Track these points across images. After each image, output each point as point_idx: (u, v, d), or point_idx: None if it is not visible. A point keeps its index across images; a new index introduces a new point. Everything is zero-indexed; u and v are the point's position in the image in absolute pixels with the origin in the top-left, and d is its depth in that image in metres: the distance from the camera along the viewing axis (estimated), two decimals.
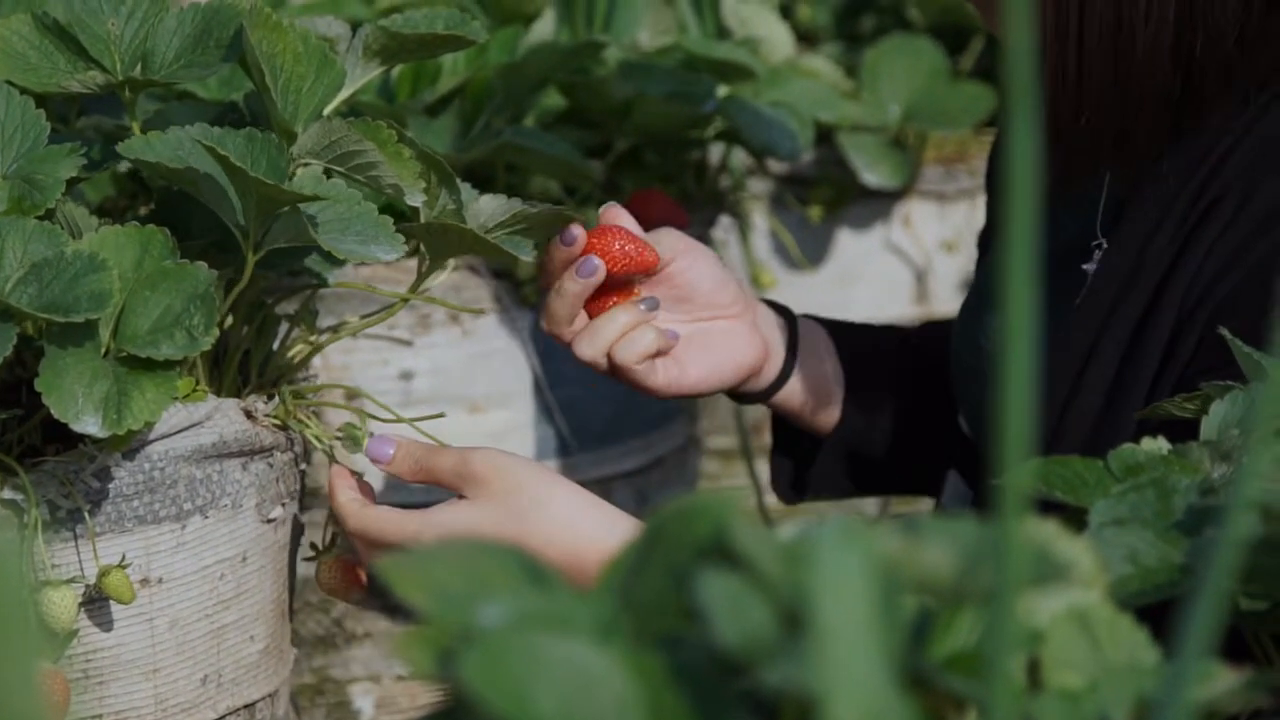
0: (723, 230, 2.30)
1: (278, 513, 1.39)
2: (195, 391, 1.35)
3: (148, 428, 1.28)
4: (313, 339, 1.45)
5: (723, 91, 2.16)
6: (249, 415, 1.36)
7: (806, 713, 0.64)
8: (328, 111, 1.36)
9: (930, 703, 0.70)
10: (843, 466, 1.67)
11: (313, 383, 1.46)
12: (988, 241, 1.68)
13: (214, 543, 1.35)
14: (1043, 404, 1.40)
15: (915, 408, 1.67)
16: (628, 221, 1.48)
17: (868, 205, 2.39)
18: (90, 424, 1.22)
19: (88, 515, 1.29)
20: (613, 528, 1.33)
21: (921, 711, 0.68)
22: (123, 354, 1.26)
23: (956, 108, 2.35)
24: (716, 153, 2.25)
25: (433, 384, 1.99)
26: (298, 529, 1.44)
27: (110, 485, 1.29)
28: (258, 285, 1.39)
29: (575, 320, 1.49)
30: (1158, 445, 1.01)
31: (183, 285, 1.28)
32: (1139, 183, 1.41)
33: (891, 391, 1.67)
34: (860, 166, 2.31)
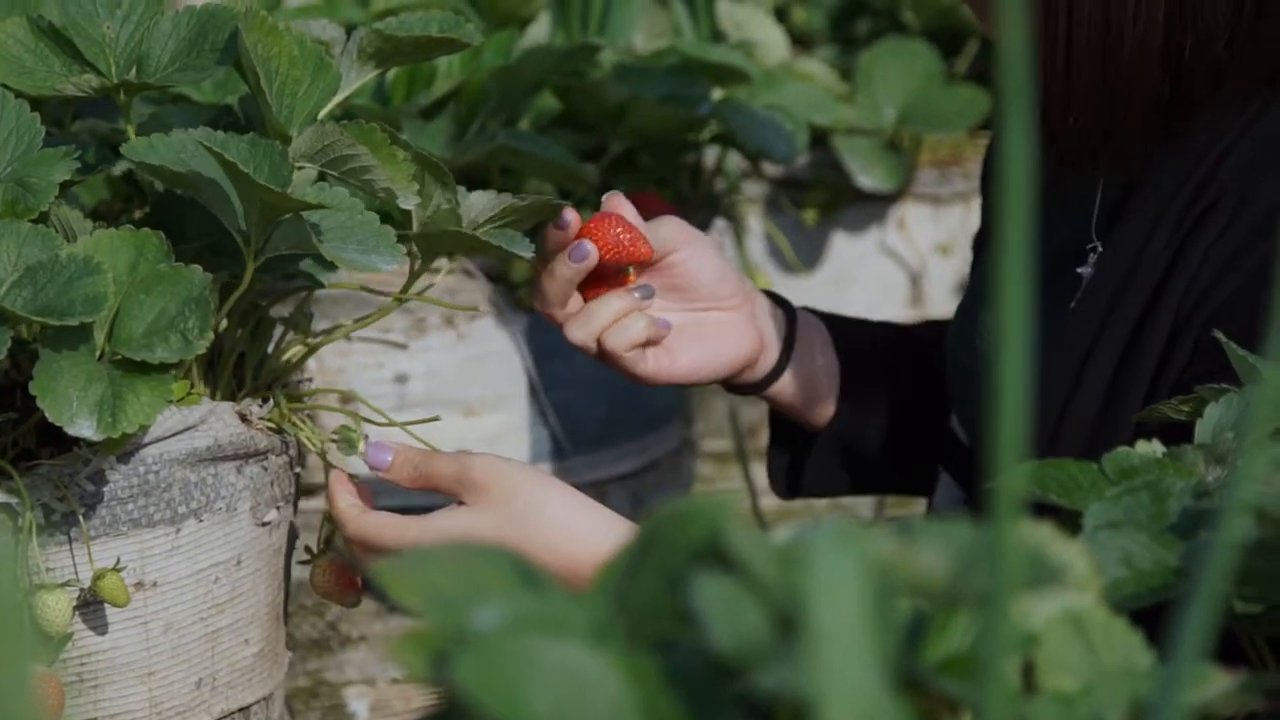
0: (717, 233, 2.30)
1: (272, 516, 1.39)
2: (190, 395, 1.35)
3: (142, 431, 1.28)
4: (308, 341, 1.45)
5: (718, 94, 2.16)
6: (244, 418, 1.36)
7: (801, 716, 0.64)
8: (323, 115, 1.36)
9: (925, 706, 0.70)
10: (838, 461, 1.67)
11: (308, 386, 1.46)
12: (983, 243, 1.68)
13: (208, 546, 1.35)
14: (1040, 408, 1.40)
15: (911, 406, 1.67)
16: (628, 211, 1.48)
17: (862, 208, 2.39)
18: (85, 427, 1.22)
19: (82, 518, 1.29)
20: (610, 532, 1.33)
21: (916, 714, 0.68)
22: (117, 357, 1.26)
23: (951, 111, 2.35)
24: (711, 156, 2.25)
25: (427, 387, 1.99)
26: (292, 532, 1.44)
27: (105, 488, 1.29)
28: (254, 289, 1.39)
29: (569, 303, 1.49)
30: (1152, 448, 1.01)
31: (177, 289, 1.28)
32: (1134, 186, 1.41)
33: (887, 389, 1.66)
34: (855, 169, 2.31)
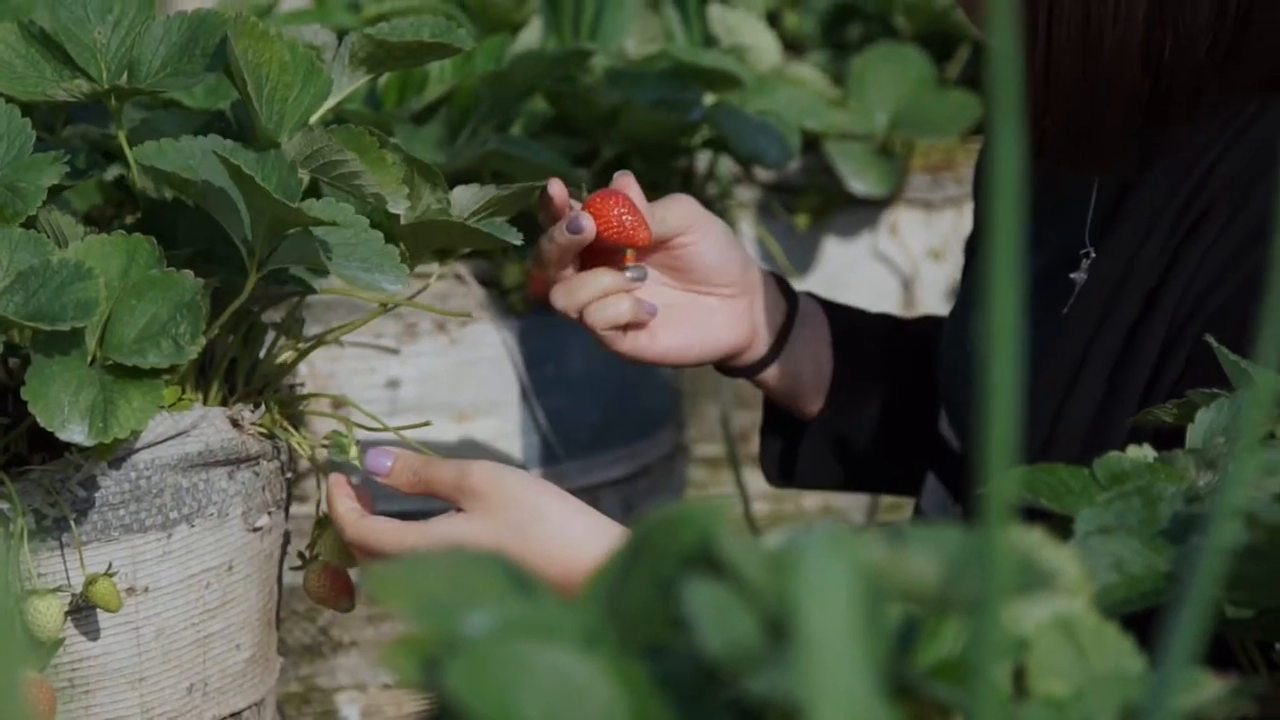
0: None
1: (264, 521, 1.39)
2: (181, 400, 1.35)
3: (134, 436, 1.28)
4: (299, 346, 1.45)
5: (710, 99, 2.16)
6: (235, 424, 1.36)
7: None
8: (314, 120, 1.36)
9: (915, 711, 0.70)
10: (830, 453, 1.67)
11: (299, 391, 1.46)
12: (975, 248, 1.68)
13: (200, 551, 1.35)
14: (1033, 413, 1.40)
15: (902, 405, 1.67)
16: (634, 192, 1.48)
17: (854, 213, 2.39)
18: (76, 432, 1.22)
19: (74, 524, 1.28)
20: (609, 540, 1.33)
21: None
22: (109, 362, 1.26)
23: (943, 116, 2.35)
24: (704, 161, 2.25)
25: (419, 392, 1.99)
26: (284, 538, 1.44)
27: (96, 494, 1.29)
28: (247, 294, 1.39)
29: (564, 270, 1.49)
30: (1143, 453, 1.01)
31: (169, 294, 1.28)
32: (1128, 191, 1.41)
33: (880, 386, 1.66)
34: (847, 174, 2.31)
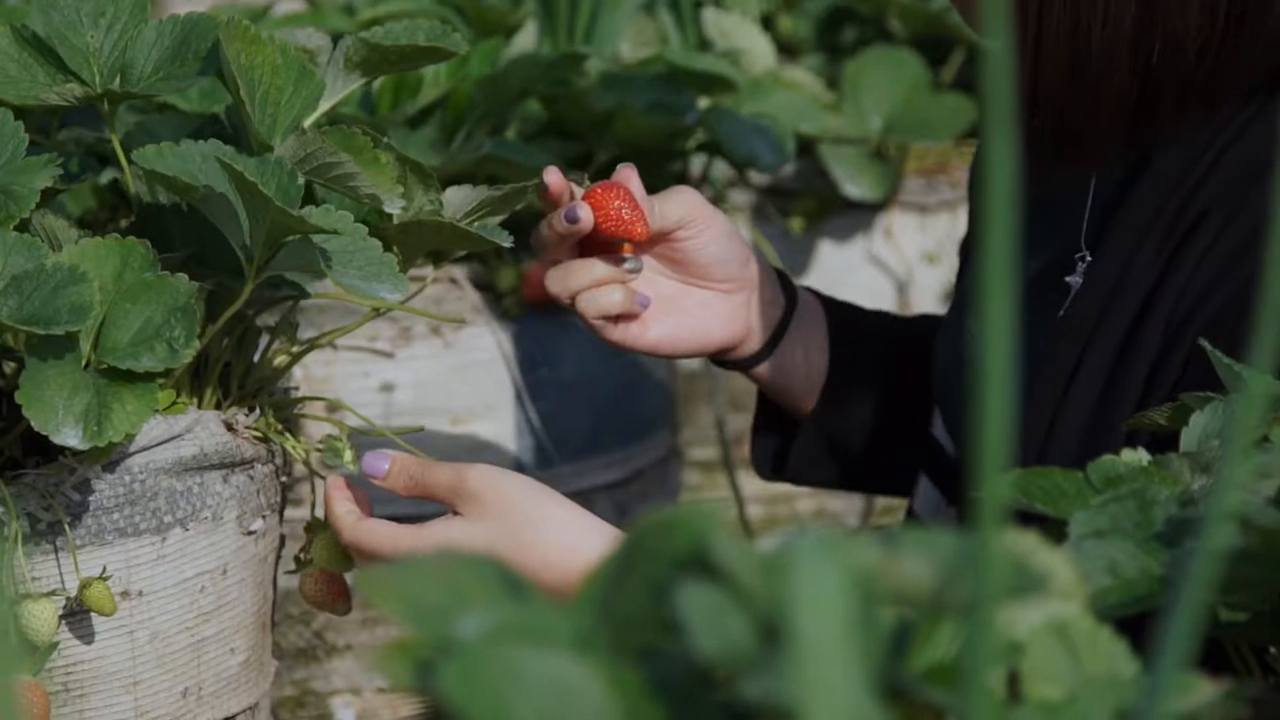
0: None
1: (258, 525, 1.39)
2: (176, 404, 1.34)
3: (128, 440, 1.28)
4: (293, 350, 1.45)
5: (704, 103, 2.16)
6: (229, 427, 1.36)
7: None
8: (308, 124, 1.36)
9: (909, 715, 0.70)
10: (823, 451, 1.66)
11: (294, 395, 1.46)
12: (970, 251, 1.68)
13: (194, 555, 1.34)
14: (1029, 417, 1.40)
15: (897, 406, 1.67)
16: (635, 185, 1.48)
17: (849, 217, 2.39)
18: (70, 436, 1.22)
19: (68, 528, 1.28)
20: (604, 544, 1.33)
21: None
22: (103, 366, 1.26)
23: (938, 119, 2.35)
24: (698, 164, 2.25)
25: (414, 396, 1.99)
26: (279, 541, 1.44)
27: (90, 498, 1.29)
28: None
29: (563, 255, 1.49)
30: (1137, 457, 1.01)
31: (163, 298, 1.28)
32: (1123, 195, 1.41)
33: (874, 386, 1.66)
34: (841, 178, 2.31)
